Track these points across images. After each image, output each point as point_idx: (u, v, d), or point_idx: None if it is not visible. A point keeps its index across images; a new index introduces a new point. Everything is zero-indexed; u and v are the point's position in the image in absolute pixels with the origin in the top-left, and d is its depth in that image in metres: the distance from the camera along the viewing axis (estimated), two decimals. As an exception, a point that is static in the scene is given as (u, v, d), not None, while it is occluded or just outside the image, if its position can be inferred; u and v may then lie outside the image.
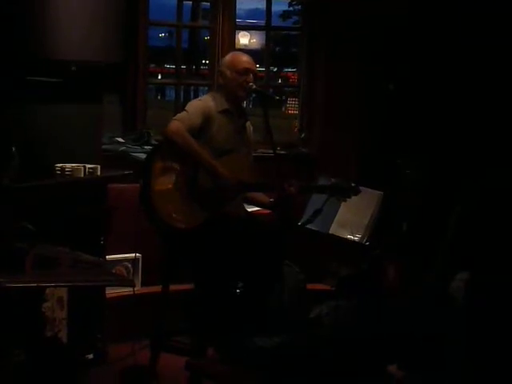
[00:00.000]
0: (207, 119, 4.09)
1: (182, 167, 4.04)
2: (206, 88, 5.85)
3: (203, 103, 4.16)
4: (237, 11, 5.67)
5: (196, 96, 4.29)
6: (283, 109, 16.39)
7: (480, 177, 3.55)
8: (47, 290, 3.87)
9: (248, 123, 4.38)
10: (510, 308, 3.47)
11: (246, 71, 4.17)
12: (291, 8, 17.99)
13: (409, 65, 5.20)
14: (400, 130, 5.23)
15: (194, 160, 4.03)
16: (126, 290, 4.46)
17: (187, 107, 4.13)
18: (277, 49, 19.45)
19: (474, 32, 4.89)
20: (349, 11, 5.43)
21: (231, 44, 5.59)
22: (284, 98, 16.03)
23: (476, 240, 3.48)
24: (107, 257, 4.47)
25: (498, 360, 3.34)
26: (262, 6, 5.87)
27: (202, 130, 4.07)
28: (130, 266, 4.86)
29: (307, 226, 4.41)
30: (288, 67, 20.21)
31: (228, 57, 4.31)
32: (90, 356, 4.32)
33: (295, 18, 17.66)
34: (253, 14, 9.99)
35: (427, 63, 5.12)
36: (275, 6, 5.93)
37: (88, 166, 4.18)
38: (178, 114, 4.10)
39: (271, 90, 6.01)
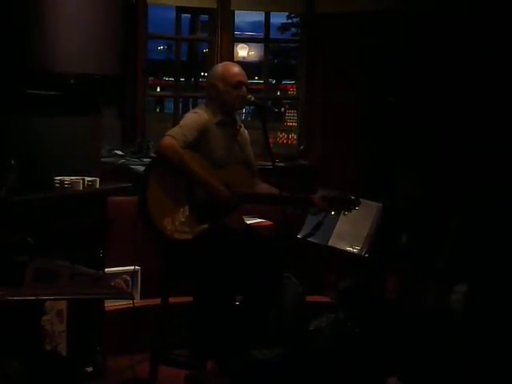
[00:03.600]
0: (203, 133, 4.06)
1: (178, 180, 4.03)
2: (205, 100, 5.85)
3: (198, 117, 4.11)
4: (239, 24, 5.67)
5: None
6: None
7: (479, 188, 3.56)
8: (46, 303, 3.86)
9: (242, 129, 4.34)
10: (508, 319, 3.47)
11: (239, 84, 4.15)
12: (290, 20, 18.02)
13: (408, 77, 5.21)
14: (399, 142, 5.23)
15: (187, 176, 4.00)
16: (125, 303, 4.45)
17: (182, 122, 4.08)
18: (275, 61, 19.45)
19: (474, 46, 4.90)
20: (347, 24, 5.45)
21: (230, 56, 5.58)
22: (283, 109, 16.01)
23: (475, 250, 3.48)
24: (106, 270, 4.47)
25: (497, 370, 3.34)
26: (262, 18, 5.89)
27: (198, 143, 4.06)
28: (128, 278, 4.84)
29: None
30: (287, 79, 20.20)
31: (219, 69, 4.24)
32: (90, 369, 4.30)
33: (294, 30, 17.70)
34: (256, 26, 10.01)
35: (427, 76, 5.13)
36: (274, 19, 5.95)
37: (87, 178, 4.18)
38: (172, 129, 4.05)
39: (270, 102, 6.00)
